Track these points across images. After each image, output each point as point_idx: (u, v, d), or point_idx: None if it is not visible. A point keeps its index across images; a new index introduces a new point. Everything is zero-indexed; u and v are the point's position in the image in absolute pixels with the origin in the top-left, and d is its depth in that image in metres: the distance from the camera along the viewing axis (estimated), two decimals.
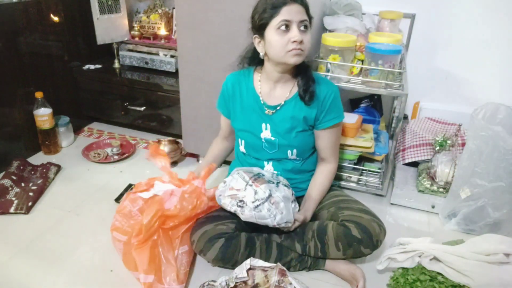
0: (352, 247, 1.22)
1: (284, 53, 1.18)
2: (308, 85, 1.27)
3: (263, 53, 1.25)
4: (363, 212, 1.27)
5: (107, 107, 2.21)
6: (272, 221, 1.21)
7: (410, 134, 1.92)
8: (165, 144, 1.91)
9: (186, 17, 1.60)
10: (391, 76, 1.57)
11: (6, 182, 1.66)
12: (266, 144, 1.35)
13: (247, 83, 1.36)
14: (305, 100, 1.27)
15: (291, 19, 1.16)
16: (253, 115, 1.34)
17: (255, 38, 1.25)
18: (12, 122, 1.86)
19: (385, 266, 1.28)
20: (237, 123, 1.39)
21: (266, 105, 1.33)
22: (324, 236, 1.25)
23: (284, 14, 1.15)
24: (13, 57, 1.81)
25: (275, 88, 1.33)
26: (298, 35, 1.16)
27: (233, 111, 1.39)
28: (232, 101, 1.38)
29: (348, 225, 1.23)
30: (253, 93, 1.34)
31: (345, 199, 1.37)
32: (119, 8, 2.17)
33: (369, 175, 1.77)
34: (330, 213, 1.32)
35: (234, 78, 1.38)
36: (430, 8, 1.94)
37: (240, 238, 1.24)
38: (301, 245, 1.28)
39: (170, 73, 2.12)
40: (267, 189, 1.22)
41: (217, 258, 1.22)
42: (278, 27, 1.16)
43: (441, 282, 1.21)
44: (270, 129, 1.33)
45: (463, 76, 2.01)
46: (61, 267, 1.30)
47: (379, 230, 1.23)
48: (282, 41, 1.17)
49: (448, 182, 1.65)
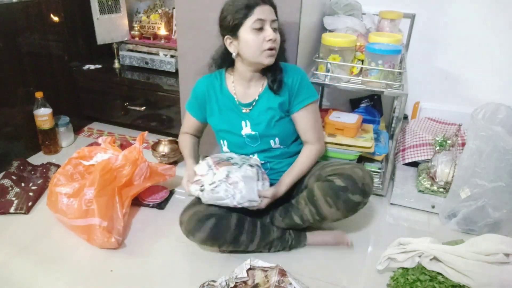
0: (340, 198, 1.25)
1: (260, 52, 1.22)
2: (275, 75, 1.31)
3: (235, 53, 1.28)
4: (343, 164, 1.33)
5: (107, 107, 2.21)
6: (232, 201, 1.24)
7: (410, 134, 1.92)
8: (165, 144, 1.91)
9: (186, 17, 1.60)
10: (391, 76, 1.57)
11: (6, 182, 1.66)
12: (248, 139, 1.37)
13: (221, 85, 1.38)
14: (274, 89, 1.31)
15: (265, 18, 1.20)
16: (231, 115, 1.37)
17: (227, 39, 1.28)
18: (12, 122, 1.86)
19: (385, 266, 1.28)
20: (217, 124, 1.41)
21: (241, 104, 1.36)
22: (313, 197, 1.28)
23: (258, 13, 1.19)
24: (13, 57, 1.81)
25: (249, 87, 1.36)
26: (272, 34, 1.21)
27: (210, 113, 1.41)
28: (208, 104, 1.40)
29: (330, 179, 1.27)
30: (228, 94, 1.37)
31: (328, 162, 1.42)
32: (119, 8, 2.17)
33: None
34: (315, 177, 1.36)
35: (207, 81, 1.40)
36: (430, 8, 1.94)
37: (231, 218, 1.28)
38: (298, 216, 1.32)
39: (170, 73, 2.12)
40: (225, 171, 1.24)
41: (206, 238, 1.26)
42: (253, 27, 1.20)
43: (441, 282, 1.21)
44: (250, 125, 1.35)
45: (463, 76, 2.01)
46: (61, 267, 1.30)
47: (362, 173, 1.26)
48: (257, 40, 1.20)
49: (448, 182, 1.65)
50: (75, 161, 1.58)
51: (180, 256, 1.31)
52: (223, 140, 1.42)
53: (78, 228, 1.39)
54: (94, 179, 1.39)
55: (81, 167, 1.56)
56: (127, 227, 1.49)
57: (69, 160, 1.58)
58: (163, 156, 1.89)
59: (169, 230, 1.48)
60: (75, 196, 1.40)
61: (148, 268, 1.31)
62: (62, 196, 1.41)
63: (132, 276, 1.28)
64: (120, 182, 1.45)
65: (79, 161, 1.58)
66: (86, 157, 1.60)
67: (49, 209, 1.47)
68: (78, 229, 1.40)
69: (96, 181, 1.38)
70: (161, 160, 1.90)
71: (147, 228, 1.50)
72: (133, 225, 1.51)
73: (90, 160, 1.59)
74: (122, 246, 1.40)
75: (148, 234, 1.47)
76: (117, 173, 1.46)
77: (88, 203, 1.37)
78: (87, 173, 1.56)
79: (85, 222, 1.37)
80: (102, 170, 1.40)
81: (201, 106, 1.42)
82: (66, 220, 1.41)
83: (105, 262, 1.33)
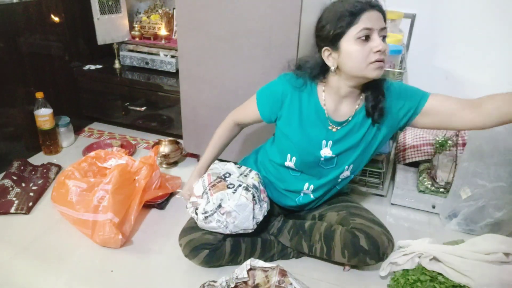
0: (357, 256, 1.22)
1: (366, 66, 1.05)
2: (377, 100, 1.14)
3: (334, 67, 1.11)
4: (374, 223, 1.25)
5: (108, 107, 2.21)
6: (224, 231, 1.23)
7: (410, 134, 1.92)
8: (166, 145, 1.91)
9: (187, 17, 1.60)
10: (392, 76, 1.57)
11: (6, 182, 1.66)
12: (324, 161, 1.24)
13: (309, 94, 1.20)
14: (374, 118, 1.16)
15: (372, 27, 1.02)
16: (314, 130, 1.21)
17: (325, 51, 1.11)
18: (13, 122, 1.86)
19: (387, 272, 1.27)
20: (292, 136, 1.23)
21: (331, 120, 1.20)
22: (331, 241, 1.24)
23: (365, 21, 1.02)
24: (13, 58, 1.81)
25: (341, 104, 1.19)
26: (382, 44, 1.03)
27: (286, 121, 1.23)
28: (287, 109, 1.22)
29: (357, 234, 1.21)
30: (316, 106, 1.20)
31: (357, 206, 1.36)
32: (120, 9, 2.17)
33: (370, 175, 1.76)
34: (341, 217, 1.31)
35: (294, 83, 1.20)
36: (431, 8, 1.94)
37: (225, 248, 1.26)
38: (307, 245, 1.29)
39: (170, 73, 2.12)
40: (219, 199, 1.21)
41: (201, 264, 1.27)
42: (358, 37, 1.03)
43: (441, 282, 1.21)
44: (331, 146, 1.21)
45: (463, 76, 2.01)
46: (61, 267, 1.30)
47: (388, 244, 1.22)
48: (363, 51, 1.03)
49: (448, 182, 1.65)
50: (90, 160, 1.62)
51: (180, 256, 1.31)
52: (291, 155, 1.25)
53: (84, 222, 1.40)
54: (113, 176, 1.43)
55: (95, 167, 1.61)
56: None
57: (85, 157, 1.63)
58: (164, 157, 1.89)
59: (169, 230, 1.48)
60: (88, 191, 1.43)
61: (148, 268, 1.31)
62: (74, 189, 1.44)
63: (132, 276, 1.28)
64: (140, 185, 1.48)
65: (94, 161, 1.62)
66: (101, 159, 1.65)
67: (53, 202, 1.48)
68: (83, 224, 1.41)
69: (115, 178, 1.42)
70: (161, 160, 1.90)
71: (148, 228, 1.51)
72: (133, 225, 1.51)
73: (104, 163, 1.64)
74: (123, 246, 1.40)
75: (148, 234, 1.47)
76: (135, 175, 1.51)
77: (100, 199, 1.39)
78: (99, 174, 1.59)
79: (93, 218, 1.39)
80: (121, 170, 1.46)
81: (275, 106, 1.23)
82: (72, 213, 1.42)
83: (105, 262, 1.33)
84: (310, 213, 1.39)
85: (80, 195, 1.43)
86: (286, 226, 1.34)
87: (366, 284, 1.28)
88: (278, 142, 1.30)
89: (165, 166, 1.92)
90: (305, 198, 1.33)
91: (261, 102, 1.27)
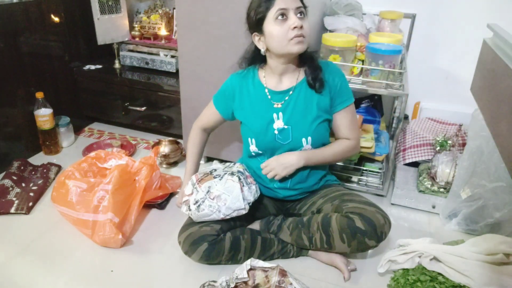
0: (356, 238, 1.22)
1: (287, 42, 1.18)
2: (316, 73, 1.28)
3: (264, 49, 1.26)
4: (367, 204, 1.28)
5: (108, 107, 2.21)
6: (218, 215, 1.25)
7: (410, 134, 1.92)
8: (166, 145, 1.91)
9: (187, 17, 1.60)
10: (392, 76, 1.57)
11: (6, 182, 1.66)
12: (279, 135, 1.32)
13: (253, 79, 1.36)
14: (316, 88, 1.29)
15: (287, 7, 1.17)
16: (263, 107, 1.33)
17: (255, 36, 1.26)
18: (13, 122, 1.86)
19: (386, 269, 1.27)
20: (246, 117, 1.37)
21: (274, 94, 1.33)
22: (328, 228, 1.26)
23: (279, 3, 1.16)
24: (13, 58, 1.81)
25: (281, 81, 1.33)
26: (297, 21, 1.17)
27: (240, 108, 1.38)
28: (238, 99, 1.37)
29: (352, 217, 1.23)
30: (260, 87, 1.34)
31: (349, 193, 1.38)
32: (120, 9, 2.17)
33: (370, 175, 1.77)
34: (334, 206, 1.33)
35: (239, 76, 1.38)
36: (431, 8, 1.94)
37: (225, 243, 1.27)
38: (307, 237, 1.30)
39: (170, 73, 2.12)
40: (206, 187, 1.26)
41: (201, 260, 1.27)
42: (275, 18, 1.17)
43: (441, 282, 1.21)
44: (283, 118, 1.31)
45: (463, 76, 2.01)
46: (61, 267, 1.30)
47: (384, 221, 1.23)
48: (282, 30, 1.17)
49: (448, 182, 1.65)
50: (91, 160, 1.62)
51: (181, 256, 1.31)
52: (251, 139, 1.36)
53: (84, 222, 1.40)
54: (113, 176, 1.43)
55: (95, 168, 1.61)
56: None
57: (85, 158, 1.62)
58: (164, 157, 1.89)
59: (169, 230, 1.48)
60: (88, 191, 1.43)
61: (148, 268, 1.31)
62: (74, 189, 1.43)
63: (132, 276, 1.28)
64: (141, 186, 1.49)
65: (94, 161, 1.62)
66: (101, 160, 1.65)
67: (53, 202, 1.48)
68: (83, 224, 1.41)
69: (115, 178, 1.42)
70: (161, 160, 1.90)
71: (148, 228, 1.51)
72: (133, 225, 1.51)
73: (104, 163, 1.64)
74: (123, 246, 1.40)
75: (148, 234, 1.47)
76: (135, 176, 1.52)
77: (100, 199, 1.40)
78: (100, 175, 1.59)
79: (93, 218, 1.39)
80: (121, 171, 1.46)
81: (228, 101, 1.40)
82: (72, 213, 1.42)
83: (105, 262, 1.33)
84: (308, 210, 1.40)
85: (80, 195, 1.43)
86: (285, 222, 1.37)
87: (366, 284, 1.28)
88: (243, 133, 1.41)
89: (165, 166, 1.92)
90: (282, 184, 1.39)
91: (217, 101, 1.44)
